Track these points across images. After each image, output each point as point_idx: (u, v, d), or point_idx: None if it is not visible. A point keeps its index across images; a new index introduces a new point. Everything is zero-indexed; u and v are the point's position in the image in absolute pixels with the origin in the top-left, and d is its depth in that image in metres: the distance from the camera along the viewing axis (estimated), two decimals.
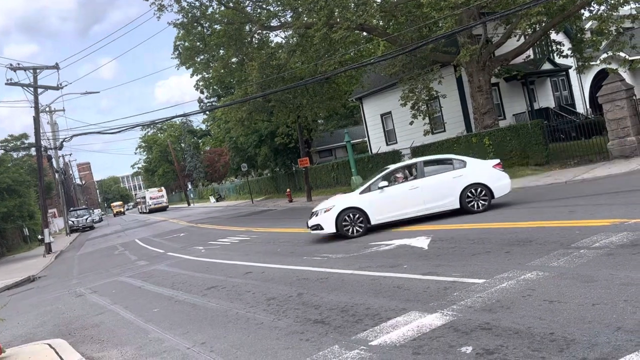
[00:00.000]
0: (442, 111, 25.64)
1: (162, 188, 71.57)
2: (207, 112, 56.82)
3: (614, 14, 18.61)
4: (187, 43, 28.05)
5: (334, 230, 12.42)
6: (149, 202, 66.79)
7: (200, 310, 8.07)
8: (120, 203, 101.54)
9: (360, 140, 41.81)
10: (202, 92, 40.74)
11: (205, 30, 26.97)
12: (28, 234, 39.29)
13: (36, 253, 30.76)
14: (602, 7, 18.59)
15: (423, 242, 9.79)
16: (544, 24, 20.53)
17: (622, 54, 20.98)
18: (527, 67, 25.59)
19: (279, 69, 26.02)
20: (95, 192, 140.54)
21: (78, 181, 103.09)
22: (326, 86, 29.46)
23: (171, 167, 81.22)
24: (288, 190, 34.35)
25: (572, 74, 27.45)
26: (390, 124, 29.66)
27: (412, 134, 26.11)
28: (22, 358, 7.07)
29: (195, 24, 26.55)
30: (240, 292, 8.85)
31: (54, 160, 48.18)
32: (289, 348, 5.46)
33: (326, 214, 12.56)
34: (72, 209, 60.27)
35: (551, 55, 26.61)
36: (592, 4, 19.14)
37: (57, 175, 53.81)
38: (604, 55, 22.50)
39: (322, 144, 46.22)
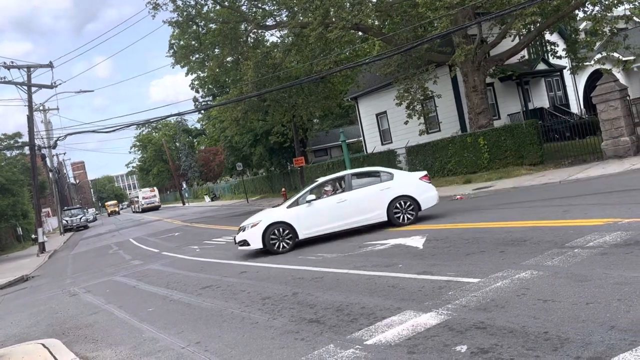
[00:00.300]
0: (437, 111, 25.66)
1: (155, 188, 73.32)
2: (202, 111, 56.73)
3: (608, 14, 18.69)
4: (182, 42, 27.96)
5: (260, 246, 12.10)
6: (141, 201, 68.80)
7: (195, 310, 8.05)
8: (115, 202, 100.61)
9: (356, 139, 41.80)
10: (197, 91, 40.80)
11: (200, 29, 26.90)
12: (21, 233, 39.05)
13: (30, 252, 30.54)
14: (597, 8, 18.66)
15: (418, 242, 9.81)
16: (538, 25, 20.61)
17: (616, 55, 21.04)
18: (521, 68, 25.67)
19: (274, 68, 26.02)
20: (89, 191, 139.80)
21: (72, 180, 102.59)
22: (321, 86, 29.48)
23: (166, 167, 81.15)
24: (283, 189, 34.28)
25: (567, 74, 27.54)
26: (386, 123, 29.67)
27: (407, 134, 26.13)
28: (15, 358, 7.02)
29: (191, 23, 26.48)
30: (235, 291, 8.84)
31: (47, 159, 48.00)
32: (284, 347, 5.46)
33: (253, 229, 12.18)
34: (66, 208, 60.00)
35: (546, 55, 26.67)
36: (586, 4, 19.21)
37: (51, 174, 53.50)
38: (598, 56, 22.56)
39: (317, 143, 46.18)
